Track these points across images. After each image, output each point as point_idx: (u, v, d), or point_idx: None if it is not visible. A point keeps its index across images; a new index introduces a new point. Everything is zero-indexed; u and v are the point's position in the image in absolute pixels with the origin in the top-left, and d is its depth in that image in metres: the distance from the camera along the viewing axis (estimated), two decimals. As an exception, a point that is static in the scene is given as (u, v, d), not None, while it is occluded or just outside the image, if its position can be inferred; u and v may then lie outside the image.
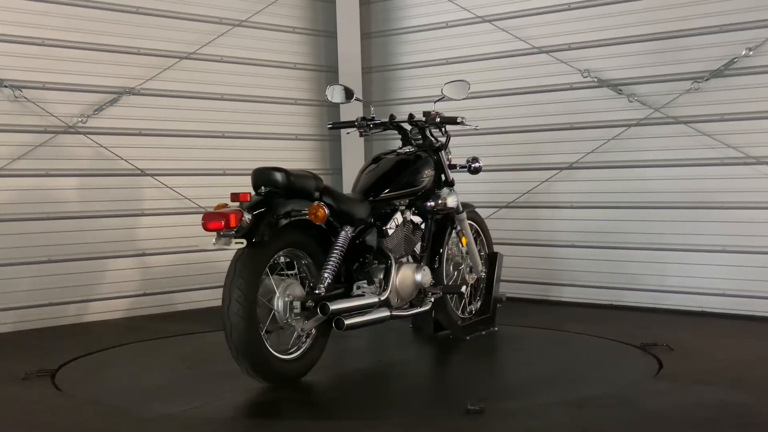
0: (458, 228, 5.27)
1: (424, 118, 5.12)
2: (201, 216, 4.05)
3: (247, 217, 3.97)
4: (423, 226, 5.06)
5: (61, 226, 6.07)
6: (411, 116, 5.14)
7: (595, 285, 6.47)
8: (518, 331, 5.65)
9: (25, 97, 5.90)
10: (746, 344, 5.12)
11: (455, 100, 5.16)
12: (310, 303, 4.18)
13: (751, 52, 5.73)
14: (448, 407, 3.89)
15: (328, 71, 7.60)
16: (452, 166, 5.32)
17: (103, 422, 3.75)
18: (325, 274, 4.29)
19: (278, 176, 4.18)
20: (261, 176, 4.22)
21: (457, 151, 7.09)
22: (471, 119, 6.94)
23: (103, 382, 4.53)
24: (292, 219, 4.19)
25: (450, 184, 5.23)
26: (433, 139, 5.20)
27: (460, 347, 5.16)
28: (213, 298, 6.78)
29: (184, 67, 6.69)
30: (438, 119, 5.07)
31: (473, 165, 5.33)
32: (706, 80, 5.91)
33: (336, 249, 4.36)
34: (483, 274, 5.52)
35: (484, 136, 6.97)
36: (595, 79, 6.38)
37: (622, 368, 4.60)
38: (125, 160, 6.36)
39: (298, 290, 4.24)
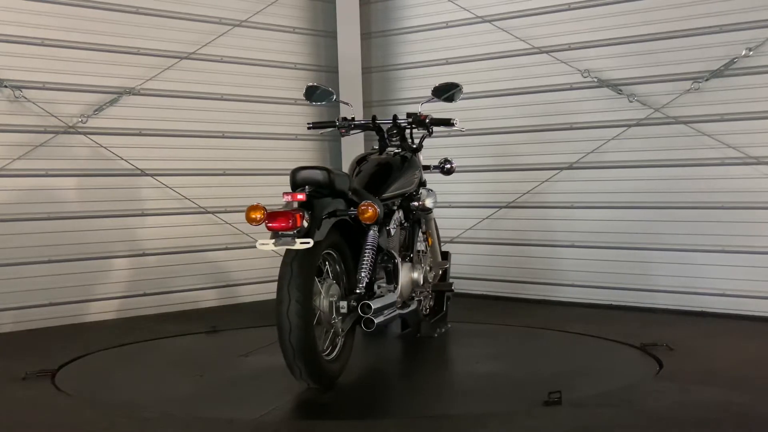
0: (424, 228, 5.26)
1: (410, 119, 5.08)
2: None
3: (307, 216, 3.96)
4: (406, 225, 5.06)
5: (61, 226, 6.07)
6: (395, 117, 5.12)
7: (595, 285, 6.47)
8: (517, 331, 5.65)
9: (25, 97, 5.90)
10: (746, 344, 5.12)
11: (446, 102, 5.12)
12: (353, 303, 4.19)
13: (751, 52, 5.73)
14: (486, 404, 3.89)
15: (328, 71, 7.60)
16: (425, 167, 5.31)
17: (103, 422, 3.75)
18: (362, 274, 4.30)
19: (323, 175, 4.14)
20: (305, 175, 4.16)
21: (457, 151, 7.11)
22: (470, 119, 7.00)
23: (103, 382, 4.53)
24: (337, 218, 4.19)
25: (423, 185, 5.23)
26: (409, 140, 5.18)
27: (447, 346, 5.19)
28: (213, 298, 6.81)
29: (184, 67, 6.69)
30: (428, 120, 5.05)
31: (446, 166, 5.32)
32: (706, 80, 5.91)
33: (368, 248, 4.38)
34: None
35: (483, 136, 6.98)
36: (595, 79, 6.38)
37: (622, 368, 4.60)
38: (125, 160, 6.36)
39: (337, 290, 4.24)
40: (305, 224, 3.94)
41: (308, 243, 3.90)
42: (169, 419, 3.78)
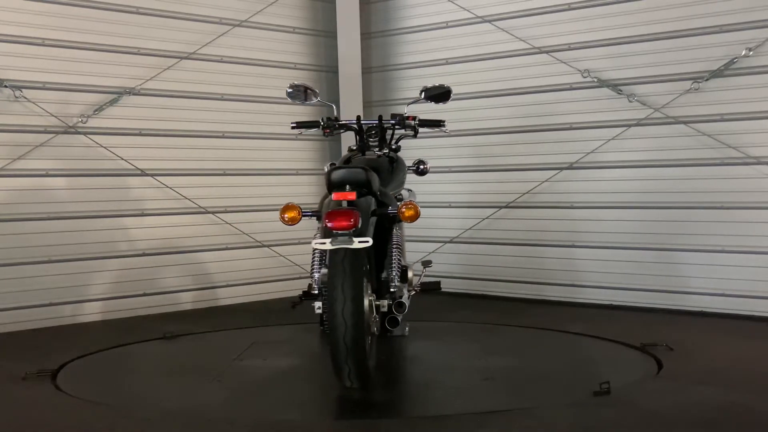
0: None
1: (395, 120, 5.06)
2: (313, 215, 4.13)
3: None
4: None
5: (61, 226, 6.07)
6: (380, 117, 5.10)
7: (596, 285, 6.47)
8: (518, 331, 5.65)
9: (25, 97, 5.90)
10: (746, 344, 5.12)
11: (434, 103, 5.10)
12: (389, 301, 4.18)
13: (751, 52, 5.73)
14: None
15: (328, 71, 7.60)
16: None
17: (103, 422, 3.74)
18: (393, 273, 4.31)
19: (364, 175, 4.14)
20: (347, 175, 4.14)
21: (456, 151, 7.12)
22: (469, 119, 7.02)
23: (103, 382, 4.53)
24: (376, 217, 4.20)
25: None
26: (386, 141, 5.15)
27: (444, 345, 5.20)
28: (212, 298, 6.81)
29: (184, 67, 6.69)
30: (416, 121, 5.03)
31: (420, 167, 5.30)
32: (706, 80, 5.91)
33: (396, 247, 4.39)
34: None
35: (483, 135, 6.99)
36: (595, 79, 6.38)
37: (622, 368, 4.59)
38: (125, 160, 6.36)
39: (370, 289, 4.22)
40: (359, 224, 3.95)
41: (367, 242, 3.91)
42: (168, 419, 3.78)
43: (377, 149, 5.03)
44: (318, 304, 4.20)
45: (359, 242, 3.89)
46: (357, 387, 4.03)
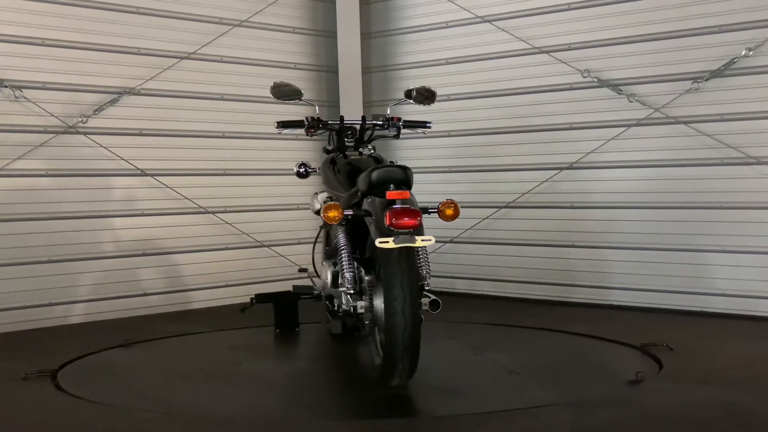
0: None
1: (380, 121, 5.02)
2: (389, 215, 3.98)
3: None
4: None
5: (61, 226, 6.07)
6: (364, 118, 5.08)
7: (595, 285, 6.47)
8: (517, 331, 5.65)
9: (25, 97, 5.90)
10: (746, 344, 5.11)
11: (422, 105, 5.09)
12: (428, 299, 4.19)
13: (751, 52, 5.73)
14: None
15: (328, 71, 7.60)
16: None
17: (103, 422, 3.74)
18: (423, 272, 4.30)
19: (404, 174, 4.15)
20: (389, 174, 4.15)
21: (456, 151, 7.12)
22: (470, 119, 7.01)
23: (103, 382, 4.53)
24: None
25: None
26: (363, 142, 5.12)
27: (442, 345, 5.19)
28: (212, 298, 6.81)
29: (184, 67, 6.69)
30: (401, 122, 5.02)
31: None
32: (706, 80, 5.91)
33: (424, 246, 4.37)
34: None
35: (483, 135, 6.99)
36: (595, 79, 6.38)
37: (622, 368, 4.59)
38: (125, 160, 6.36)
39: None
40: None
41: (430, 240, 3.93)
42: (168, 419, 3.78)
43: (355, 149, 5.02)
44: (361, 303, 4.19)
45: (422, 240, 3.92)
46: (400, 384, 4.02)
